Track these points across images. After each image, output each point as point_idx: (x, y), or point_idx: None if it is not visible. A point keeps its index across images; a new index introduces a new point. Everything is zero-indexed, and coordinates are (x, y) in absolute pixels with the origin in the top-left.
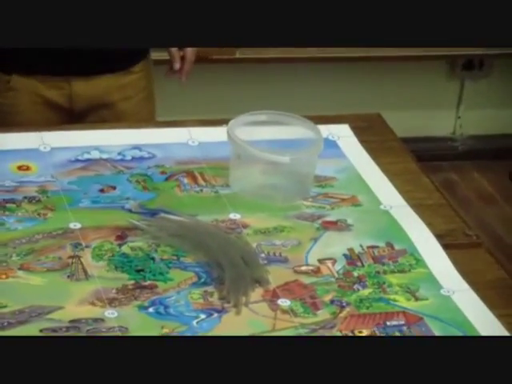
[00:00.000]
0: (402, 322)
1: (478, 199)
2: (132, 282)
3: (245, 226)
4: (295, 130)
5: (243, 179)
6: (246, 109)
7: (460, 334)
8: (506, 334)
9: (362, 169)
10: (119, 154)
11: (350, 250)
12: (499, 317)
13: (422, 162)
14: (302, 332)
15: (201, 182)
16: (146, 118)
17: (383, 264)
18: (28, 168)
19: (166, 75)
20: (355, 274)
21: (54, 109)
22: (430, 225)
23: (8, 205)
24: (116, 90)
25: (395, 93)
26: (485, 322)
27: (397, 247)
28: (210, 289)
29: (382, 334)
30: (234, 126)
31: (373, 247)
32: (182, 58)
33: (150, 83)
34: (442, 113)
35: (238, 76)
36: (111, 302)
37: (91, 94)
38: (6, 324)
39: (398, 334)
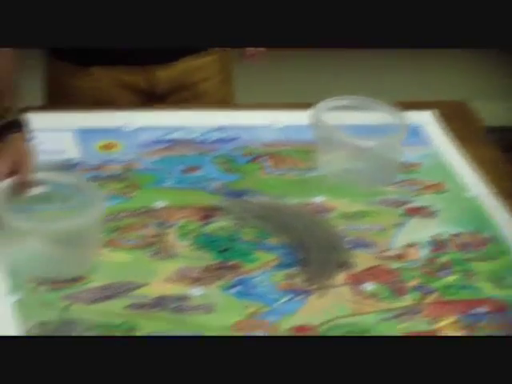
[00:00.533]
0: (487, 310)
1: None
2: (216, 261)
3: (330, 210)
4: (379, 116)
5: (329, 163)
6: (328, 94)
7: None
8: None
9: (447, 156)
10: (203, 135)
11: (436, 236)
12: None
13: (508, 152)
14: (387, 316)
15: (285, 164)
16: (226, 100)
17: (469, 251)
18: (113, 146)
19: (243, 59)
20: (441, 260)
21: (135, 92)
22: None
23: (92, 182)
24: (196, 71)
25: (482, 81)
26: None
27: (483, 235)
28: (293, 271)
29: (465, 323)
30: (321, 110)
31: (458, 234)
32: None
33: (228, 65)
34: None
35: (319, 62)
36: (196, 281)
37: (172, 76)
38: (94, 299)
39: (481, 322)
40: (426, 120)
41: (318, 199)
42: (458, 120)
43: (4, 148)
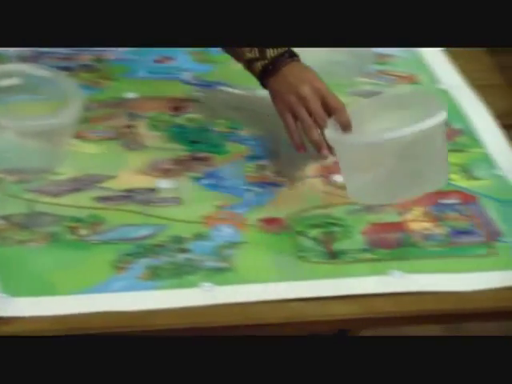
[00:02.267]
0: (458, 201)
1: None
2: (187, 153)
3: None
4: None
5: (307, 56)
6: None
7: None
8: None
9: (423, 48)
10: None
11: None
12: None
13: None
14: (356, 208)
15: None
16: None
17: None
18: None
19: None
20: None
21: None
22: (489, 105)
23: (63, 72)
24: None
25: None
26: None
27: (454, 127)
28: (264, 162)
29: (434, 213)
30: None
31: None
32: None
33: None
34: None
35: None
36: (166, 173)
37: None
38: (61, 191)
39: (451, 212)
40: None
41: None
42: None
43: None
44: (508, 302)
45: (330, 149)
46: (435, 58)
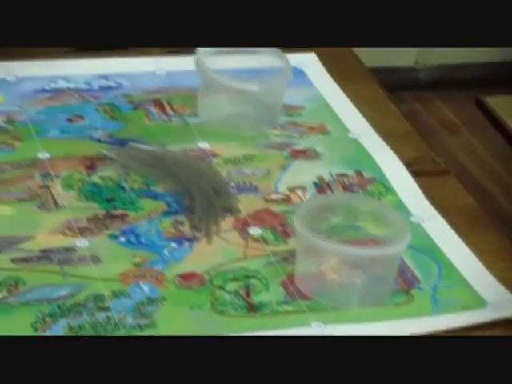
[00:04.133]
0: None
1: (441, 128)
2: (102, 211)
3: (214, 155)
4: (263, 59)
5: (211, 108)
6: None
7: (430, 260)
8: (475, 260)
9: (329, 97)
10: (86, 83)
11: (320, 178)
12: (468, 244)
13: (391, 92)
14: (274, 260)
15: (169, 111)
16: None
17: (353, 192)
18: None
19: None
20: None
21: None
22: (398, 152)
23: None
24: None
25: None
26: (455, 248)
27: (366, 175)
28: (180, 218)
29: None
30: (202, 55)
31: (342, 175)
32: None
33: None
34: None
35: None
36: (82, 232)
37: None
38: None
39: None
40: (309, 62)
41: (202, 145)
42: (341, 61)
43: None
44: None
45: None
46: (342, 107)
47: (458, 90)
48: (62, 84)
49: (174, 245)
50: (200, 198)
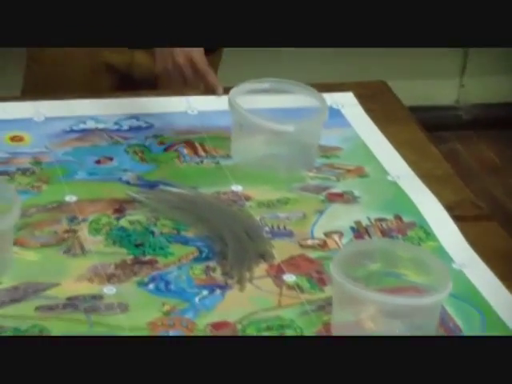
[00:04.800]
0: None
1: (482, 169)
2: (131, 257)
3: (247, 199)
4: (299, 99)
5: (245, 150)
6: (247, 77)
7: (472, 309)
8: None
9: (367, 138)
10: (116, 123)
11: (357, 222)
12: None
13: (430, 132)
14: (309, 308)
15: (201, 152)
16: None
17: (392, 237)
18: (21, 139)
19: None
20: None
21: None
22: (438, 196)
23: (1, 177)
24: None
25: (398, 61)
26: (498, 296)
27: (405, 220)
28: (212, 264)
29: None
30: (236, 94)
31: (381, 220)
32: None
33: None
34: (446, 81)
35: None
36: (110, 278)
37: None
38: (1, 303)
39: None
40: (346, 102)
41: (235, 188)
42: (377, 100)
43: None
44: None
45: None
46: (381, 148)
47: (499, 129)
48: (90, 124)
49: (205, 292)
50: (232, 243)
